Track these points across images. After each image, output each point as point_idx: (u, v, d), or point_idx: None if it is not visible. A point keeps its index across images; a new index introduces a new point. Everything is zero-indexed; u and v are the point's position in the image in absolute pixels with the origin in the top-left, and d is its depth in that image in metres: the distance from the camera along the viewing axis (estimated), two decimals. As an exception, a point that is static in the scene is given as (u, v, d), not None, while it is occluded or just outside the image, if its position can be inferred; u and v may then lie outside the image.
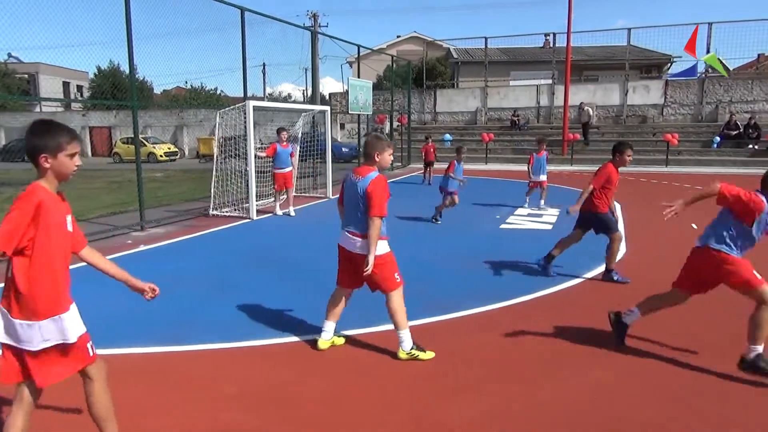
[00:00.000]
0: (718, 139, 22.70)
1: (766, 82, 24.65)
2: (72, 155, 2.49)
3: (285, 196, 11.42)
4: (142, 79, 29.76)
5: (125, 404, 3.58)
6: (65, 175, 2.50)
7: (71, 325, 2.55)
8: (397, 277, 4.23)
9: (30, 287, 2.41)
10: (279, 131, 11.16)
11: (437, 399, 3.63)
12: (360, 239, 4.11)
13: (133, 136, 9.69)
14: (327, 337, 4.45)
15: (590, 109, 24.75)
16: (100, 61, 40.57)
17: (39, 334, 2.44)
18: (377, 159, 4.14)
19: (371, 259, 3.99)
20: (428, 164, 16.81)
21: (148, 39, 11.02)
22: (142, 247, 8.24)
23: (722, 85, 25.12)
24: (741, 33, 25.46)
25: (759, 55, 33.73)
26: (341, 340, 4.58)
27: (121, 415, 3.48)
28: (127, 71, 9.48)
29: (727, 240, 3.97)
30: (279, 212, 11.22)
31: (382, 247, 4.11)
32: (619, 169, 6.35)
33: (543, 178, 11.55)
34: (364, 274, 4.06)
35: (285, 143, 11.04)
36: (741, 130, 22.53)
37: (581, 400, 3.60)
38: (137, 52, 9.15)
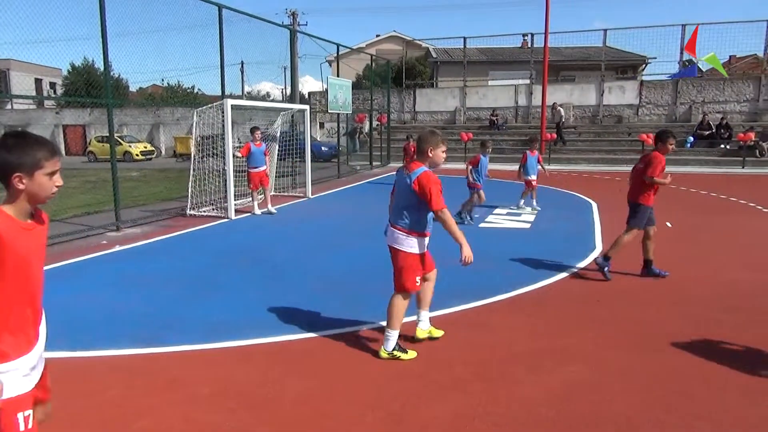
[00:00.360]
0: (691, 139, 23.13)
1: (737, 83, 25.20)
2: (52, 174, 2.08)
3: (263, 196, 11.37)
4: (117, 76, 29.25)
5: (106, 407, 3.52)
6: (42, 198, 2.07)
7: None
8: (418, 281, 4.23)
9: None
10: (252, 130, 11.12)
11: (419, 398, 3.63)
12: (398, 231, 4.18)
13: (108, 134, 9.50)
14: (424, 327, 4.50)
15: (562, 109, 25.10)
16: (74, 57, 39.85)
17: None
18: (430, 155, 4.11)
19: (466, 250, 3.99)
20: None
21: (123, 36, 10.85)
22: (118, 248, 8.10)
23: (695, 86, 25.62)
24: (713, 35, 26.04)
25: (730, 56, 34.50)
26: (439, 332, 4.54)
27: (102, 418, 3.42)
28: (102, 68, 9.31)
29: None
30: (258, 212, 11.14)
31: (416, 245, 4.17)
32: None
33: (534, 177, 11.30)
34: (464, 264, 4.05)
35: (258, 142, 11.00)
36: (713, 130, 23.00)
37: (562, 398, 3.62)
38: (112, 48, 8.99)
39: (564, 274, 6.59)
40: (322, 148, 25.66)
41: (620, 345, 4.48)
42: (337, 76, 18.19)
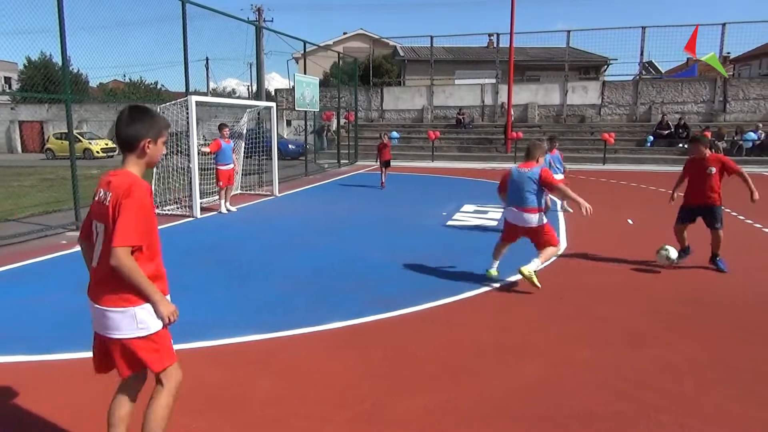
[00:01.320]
0: (651, 138, 23.79)
1: (695, 85, 26.02)
2: (165, 142, 2.61)
3: (232, 193, 11.30)
4: (76, 71, 28.36)
5: (72, 411, 3.42)
6: (154, 162, 2.60)
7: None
8: (557, 236, 6.11)
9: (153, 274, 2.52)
10: (221, 127, 11.02)
11: (388, 396, 3.64)
12: (530, 213, 5.84)
13: (67, 131, 9.22)
14: (495, 267, 6.36)
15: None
16: (31, 51, 38.50)
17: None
18: (539, 160, 5.99)
19: (585, 204, 5.51)
20: (385, 164, 14.88)
21: (82, 29, 10.54)
22: (78, 248, 7.86)
23: (655, 87, 26.34)
24: (671, 37, 26.84)
25: (688, 58, 35.60)
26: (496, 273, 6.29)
27: (68, 423, 3.32)
28: (60, 62, 9.02)
29: None
30: (224, 210, 10.99)
31: (545, 217, 5.93)
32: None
33: (559, 177, 10.17)
34: (588, 213, 5.54)
35: (227, 139, 10.93)
36: (672, 130, 23.70)
37: (528, 393, 3.69)
38: (71, 42, 8.72)
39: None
40: (290, 146, 25.45)
41: (583, 340, 4.58)
42: (304, 73, 18.06)
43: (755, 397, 3.63)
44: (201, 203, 10.84)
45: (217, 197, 11.38)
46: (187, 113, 10.46)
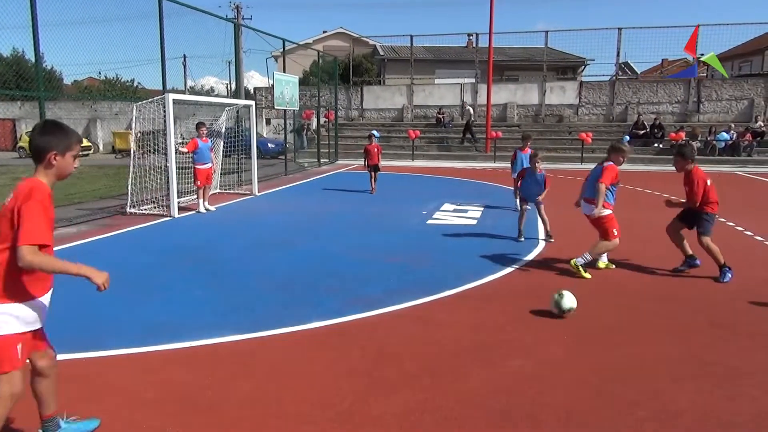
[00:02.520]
0: (627, 138, 24.10)
1: (669, 86, 26.46)
2: (75, 156, 2.68)
3: (210, 192, 11.19)
4: (50, 68, 27.76)
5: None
6: (66, 175, 2.68)
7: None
8: (615, 232, 6.48)
9: (28, 273, 2.57)
10: (198, 126, 10.90)
11: (368, 395, 3.63)
12: (589, 204, 6.60)
13: (40, 129, 9.03)
14: (604, 259, 6.85)
15: (471, 108, 25.82)
16: (2, 47, 37.64)
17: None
18: (621, 158, 6.81)
19: (597, 211, 6.41)
20: (373, 168, 13.55)
21: (56, 25, 10.34)
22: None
23: (631, 87, 26.73)
24: (647, 39, 27.24)
25: (663, 60, 36.32)
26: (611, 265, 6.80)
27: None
28: (33, 59, 8.83)
29: None
30: (202, 209, 10.87)
31: (605, 210, 6.48)
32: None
33: None
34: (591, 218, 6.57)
35: (205, 138, 10.81)
36: (647, 130, 24.08)
37: (508, 391, 3.72)
38: (44, 38, 8.55)
39: (508, 269, 6.75)
40: (269, 145, 25.27)
41: (559, 338, 4.63)
42: (284, 71, 17.95)
43: (727, 390, 3.71)
44: (179, 202, 10.72)
45: (195, 196, 11.26)
46: (165, 111, 10.33)
